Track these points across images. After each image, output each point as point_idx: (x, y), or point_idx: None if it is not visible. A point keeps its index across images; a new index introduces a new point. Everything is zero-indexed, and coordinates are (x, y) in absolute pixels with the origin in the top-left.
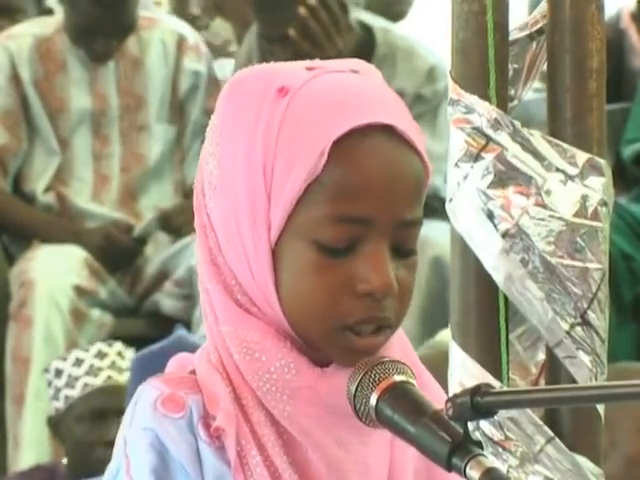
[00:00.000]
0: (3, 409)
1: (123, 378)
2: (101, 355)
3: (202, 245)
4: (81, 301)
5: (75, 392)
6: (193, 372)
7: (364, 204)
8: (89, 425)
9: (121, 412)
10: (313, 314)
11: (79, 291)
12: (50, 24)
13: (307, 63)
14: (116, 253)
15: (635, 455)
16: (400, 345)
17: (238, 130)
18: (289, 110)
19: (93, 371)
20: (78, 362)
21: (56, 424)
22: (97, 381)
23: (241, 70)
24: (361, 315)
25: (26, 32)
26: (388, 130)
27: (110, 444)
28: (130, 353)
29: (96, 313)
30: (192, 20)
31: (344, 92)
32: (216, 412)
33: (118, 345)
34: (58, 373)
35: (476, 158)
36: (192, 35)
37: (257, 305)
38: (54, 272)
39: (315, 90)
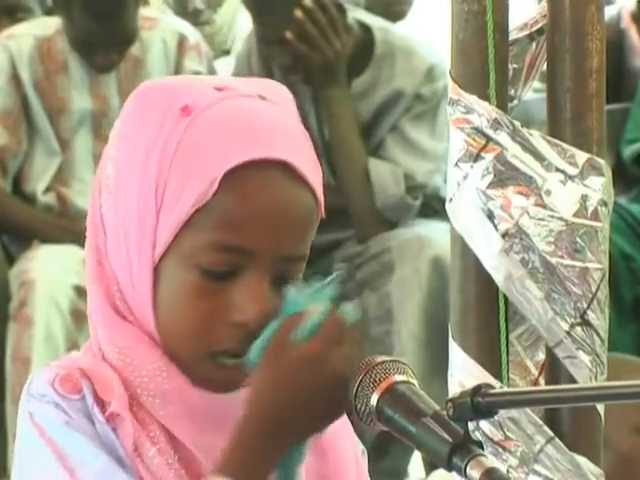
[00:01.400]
0: (3, 409)
1: None
2: None
3: (91, 243)
4: (81, 301)
5: None
6: (79, 367)
7: (248, 236)
8: None
9: None
10: (184, 336)
11: (79, 291)
12: (51, 25)
13: (216, 82)
14: None
15: (628, 454)
16: None
17: (137, 140)
18: (188, 131)
19: None
20: None
21: None
22: None
23: (153, 79)
24: (229, 344)
25: (27, 32)
26: (284, 166)
27: None
28: None
29: None
30: (195, 14)
31: (245, 121)
32: (110, 398)
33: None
34: None
35: (476, 158)
36: (193, 34)
37: (134, 315)
38: (54, 272)
39: (218, 115)
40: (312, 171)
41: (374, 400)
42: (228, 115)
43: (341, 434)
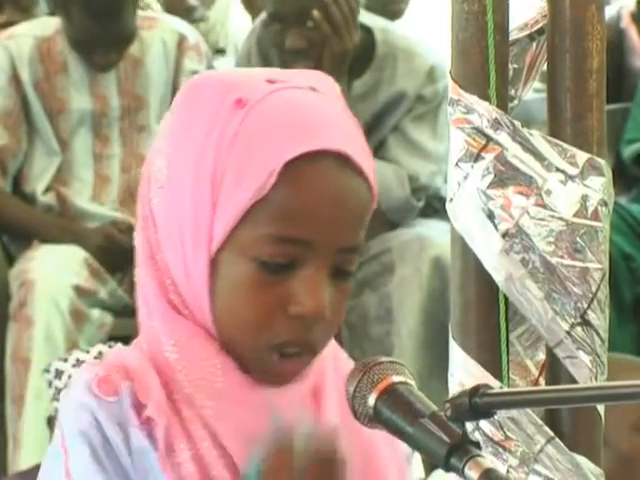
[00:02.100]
0: (3, 409)
1: None
2: (101, 357)
3: (142, 237)
4: (81, 301)
5: None
6: (126, 364)
7: (307, 228)
8: None
9: None
10: (242, 328)
11: (79, 291)
12: (51, 25)
13: (268, 75)
14: (116, 253)
15: (628, 453)
16: (333, 351)
17: (190, 134)
18: (244, 124)
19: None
20: (79, 363)
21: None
22: None
23: (203, 73)
24: (288, 336)
25: (27, 33)
26: (340, 157)
27: None
28: None
29: (96, 313)
30: (188, 11)
31: (300, 113)
32: (147, 402)
33: (118, 346)
34: (58, 374)
35: (476, 158)
36: (193, 34)
37: (189, 308)
38: (54, 272)
39: (272, 106)
40: (366, 161)
41: (372, 401)
42: (282, 107)
43: (381, 438)
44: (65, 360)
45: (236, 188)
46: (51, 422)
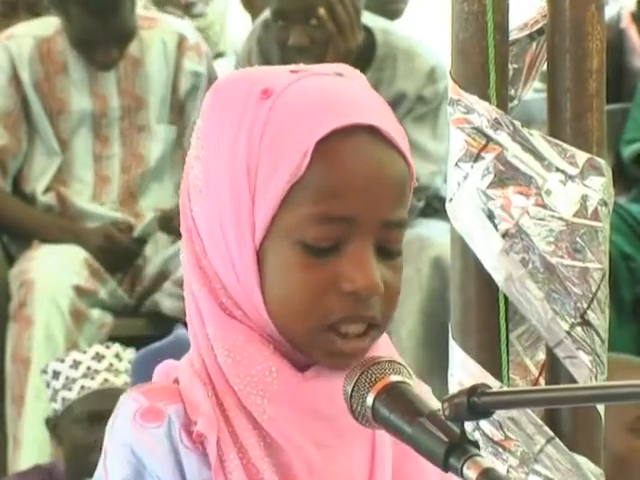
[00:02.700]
0: (3, 409)
1: (120, 381)
2: (98, 357)
3: (188, 249)
4: (81, 301)
5: (72, 394)
6: (177, 380)
7: (348, 203)
8: (86, 428)
9: None
10: (298, 313)
11: (79, 291)
12: (51, 25)
13: (291, 67)
14: (116, 253)
15: (623, 453)
16: (387, 350)
17: (222, 132)
18: (273, 112)
19: (90, 374)
20: (75, 364)
21: (54, 426)
22: (94, 384)
23: (226, 74)
24: (346, 313)
25: (27, 33)
26: (372, 131)
27: None
28: (128, 354)
29: (96, 313)
30: (187, 7)
31: (328, 93)
32: (197, 417)
33: (116, 347)
34: (56, 374)
35: (476, 158)
36: (192, 34)
37: (242, 308)
38: (54, 272)
39: (299, 92)
40: (400, 136)
41: (370, 400)
42: (309, 91)
43: None
44: (62, 361)
45: (272, 174)
46: (49, 423)
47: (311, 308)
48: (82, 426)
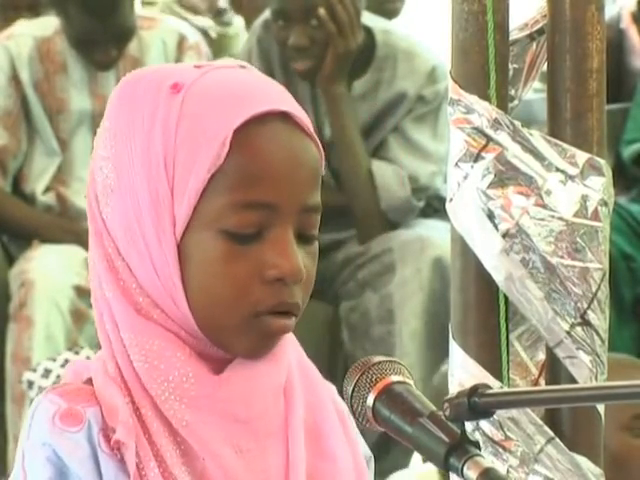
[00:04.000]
0: (3, 409)
1: None
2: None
3: (98, 253)
4: (81, 301)
5: None
6: (89, 381)
7: (267, 190)
8: None
9: None
10: (223, 304)
11: (79, 291)
12: (50, 25)
13: (194, 63)
14: None
15: (620, 453)
16: (294, 345)
17: (133, 130)
18: (185, 105)
19: (59, 382)
20: (46, 373)
21: None
22: None
23: (133, 71)
24: (272, 301)
25: (26, 33)
26: (285, 117)
27: None
28: None
29: None
30: (217, 14)
31: (237, 84)
32: (115, 424)
33: (86, 351)
34: (30, 384)
35: (476, 158)
36: (192, 34)
37: (160, 306)
38: (54, 272)
39: (208, 84)
40: (309, 123)
41: (370, 400)
42: (219, 82)
43: (340, 438)
44: (34, 370)
45: (191, 165)
46: None
47: (236, 298)
48: None
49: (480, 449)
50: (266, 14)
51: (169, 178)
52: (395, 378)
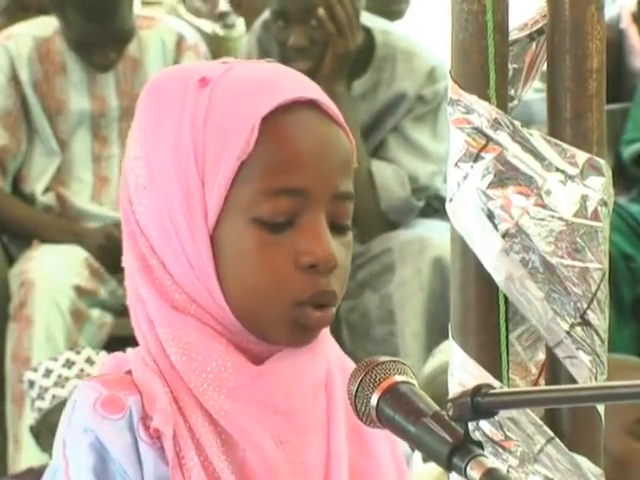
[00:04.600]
0: (3, 409)
1: None
2: (69, 364)
3: (132, 254)
4: (81, 301)
5: (45, 404)
6: (129, 372)
7: (298, 175)
8: None
9: None
10: (260, 294)
11: (79, 291)
12: (50, 25)
13: (221, 60)
14: (117, 253)
15: (623, 457)
16: (330, 342)
17: (163, 126)
18: (213, 97)
19: (61, 382)
20: (47, 373)
21: (36, 435)
22: (64, 392)
23: (160, 71)
24: (311, 291)
25: (26, 33)
26: (313, 105)
27: None
28: (101, 357)
29: (96, 313)
30: (220, 17)
31: (264, 74)
32: (154, 413)
33: (87, 351)
34: (31, 384)
35: (476, 158)
36: (191, 34)
37: (196, 301)
38: (54, 272)
39: (236, 76)
40: (337, 112)
41: (374, 400)
42: (246, 74)
43: (381, 436)
44: (35, 370)
45: (221, 154)
46: (33, 432)
47: (272, 287)
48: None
49: (483, 449)
50: (266, 14)
51: (199, 171)
52: (399, 378)
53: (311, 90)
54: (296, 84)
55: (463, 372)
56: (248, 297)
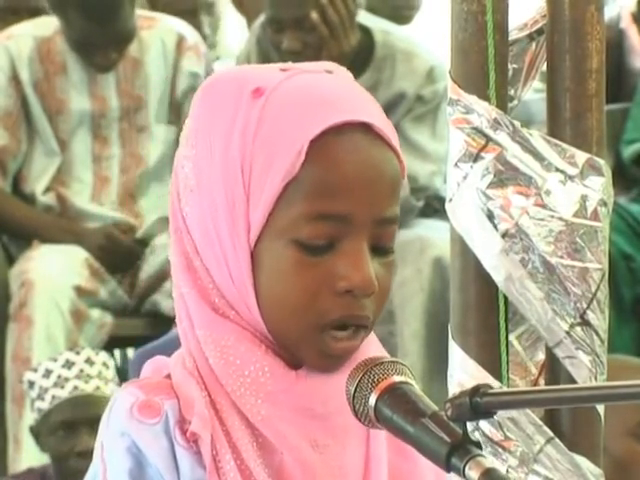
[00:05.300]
0: (3, 409)
1: (90, 387)
2: (68, 364)
3: (177, 250)
4: (81, 301)
5: (45, 404)
6: (169, 376)
7: (342, 201)
8: (61, 437)
9: (90, 421)
10: (292, 313)
11: (79, 291)
12: (50, 25)
13: (281, 65)
14: (117, 253)
15: (626, 459)
16: (376, 348)
17: (214, 132)
18: (265, 110)
19: (60, 382)
20: (47, 373)
21: (36, 435)
22: (63, 393)
23: (217, 73)
24: (341, 313)
25: (26, 33)
26: (364, 128)
27: (82, 454)
28: (101, 357)
29: (96, 313)
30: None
31: (319, 91)
32: (191, 417)
33: (87, 352)
34: (31, 385)
35: (476, 158)
36: (192, 35)
37: (235, 308)
38: (54, 272)
39: (290, 90)
40: (391, 133)
41: (372, 400)
42: (301, 89)
43: None
44: (35, 370)
45: (267, 172)
46: (33, 432)
47: (305, 308)
48: (57, 436)
49: (482, 449)
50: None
51: (245, 183)
52: (397, 378)
53: (365, 111)
54: (350, 104)
55: (463, 372)
56: (280, 315)
